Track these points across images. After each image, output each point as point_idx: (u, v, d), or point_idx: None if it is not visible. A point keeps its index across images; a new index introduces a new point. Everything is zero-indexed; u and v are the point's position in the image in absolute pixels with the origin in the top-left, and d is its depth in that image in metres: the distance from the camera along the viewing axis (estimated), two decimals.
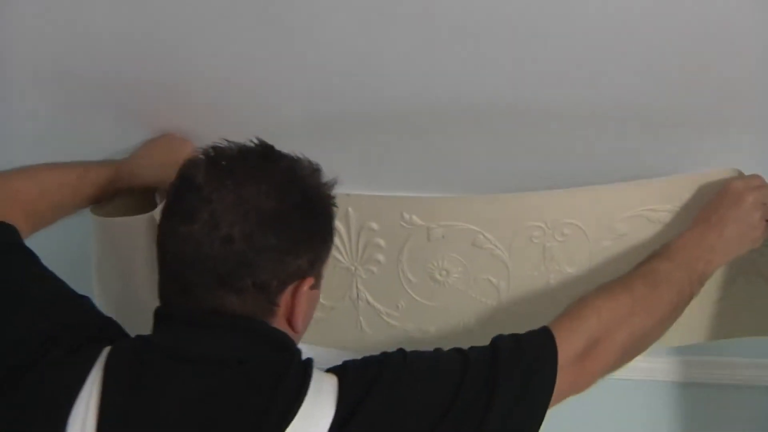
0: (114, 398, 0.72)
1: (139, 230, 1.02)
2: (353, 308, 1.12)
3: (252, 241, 0.74)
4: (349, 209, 1.03)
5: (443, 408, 0.74)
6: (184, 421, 0.72)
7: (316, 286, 0.82)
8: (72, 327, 0.79)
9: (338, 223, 1.01)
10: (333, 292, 1.09)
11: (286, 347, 0.79)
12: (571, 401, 1.06)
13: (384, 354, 0.80)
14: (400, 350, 0.81)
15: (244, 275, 0.75)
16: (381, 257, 1.06)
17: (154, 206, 1.04)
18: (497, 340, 0.83)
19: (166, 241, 0.78)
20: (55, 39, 0.91)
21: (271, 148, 0.81)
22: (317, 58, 0.91)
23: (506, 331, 1.01)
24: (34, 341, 0.76)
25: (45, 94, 1.01)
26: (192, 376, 0.74)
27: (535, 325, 1.02)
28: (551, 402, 0.80)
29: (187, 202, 0.77)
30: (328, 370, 0.77)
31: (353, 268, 1.08)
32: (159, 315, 0.79)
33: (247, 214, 0.75)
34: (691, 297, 0.94)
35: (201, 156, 0.80)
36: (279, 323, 0.79)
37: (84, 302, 0.85)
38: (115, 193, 1.03)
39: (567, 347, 0.82)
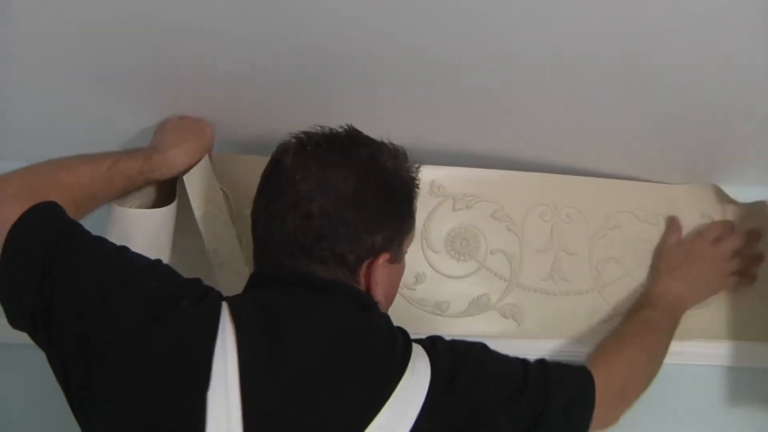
0: (252, 342, 0.76)
1: (158, 222, 1.04)
2: None
3: (329, 217, 0.83)
4: None
5: (514, 394, 0.83)
6: (323, 360, 0.77)
7: (394, 261, 0.89)
8: (180, 284, 0.84)
9: None
10: None
11: (377, 309, 0.87)
12: None
13: (462, 341, 0.88)
14: (479, 342, 0.89)
15: (323, 247, 0.83)
16: None
17: (173, 197, 1.06)
18: (546, 363, 0.90)
19: (258, 217, 0.88)
20: (58, 27, 0.90)
21: (356, 134, 0.89)
22: (331, 44, 0.92)
23: (516, 307, 1.16)
24: (156, 297, 0.80)
25: (48, 85, 1.02)
26: (317, 326, 0.80)
27: (536, 308, 1.16)
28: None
29: (276, 183, 0.86)
30: (413, 340, 0.85)
31: None
32: (255, 280, 0.87)
33: (326, 195, 0.83)
34: (672, 337, 1.10)
35: (292, 140, 0.88)
36: None
37: (164, 264, 0.88)
38: (146, 183, 1.02)
39: (605, 391, 0.91)
